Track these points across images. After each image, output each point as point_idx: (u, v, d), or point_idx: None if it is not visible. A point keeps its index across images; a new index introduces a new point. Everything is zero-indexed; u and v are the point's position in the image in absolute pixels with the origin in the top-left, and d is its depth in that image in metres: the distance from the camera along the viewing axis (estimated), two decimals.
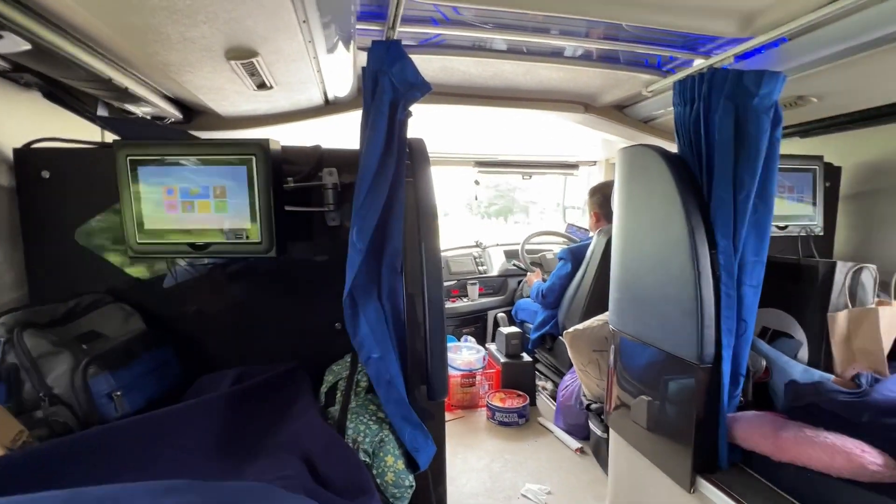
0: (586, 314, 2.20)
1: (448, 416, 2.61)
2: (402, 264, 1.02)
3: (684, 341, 1.15)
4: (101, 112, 1.41)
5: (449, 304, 3.35)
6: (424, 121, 2.30)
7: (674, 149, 1.26)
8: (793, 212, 1.63)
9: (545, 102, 2.02)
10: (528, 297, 3.09)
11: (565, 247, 2.72)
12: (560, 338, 2.44)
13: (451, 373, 2.71)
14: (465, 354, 2.80)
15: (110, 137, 1.11)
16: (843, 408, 1.05)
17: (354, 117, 1.82)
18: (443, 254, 3.44)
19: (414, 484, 0.94)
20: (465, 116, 2.32)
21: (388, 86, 0.95)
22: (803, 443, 1.03)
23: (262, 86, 1.39)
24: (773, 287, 1.18)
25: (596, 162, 3.66)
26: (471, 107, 1.98)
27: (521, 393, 2.63)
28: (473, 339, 3.09)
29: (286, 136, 1.62)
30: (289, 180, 1.15)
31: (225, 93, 1.47)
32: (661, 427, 1.28)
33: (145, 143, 1.06)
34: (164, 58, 1.13)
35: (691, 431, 1.14)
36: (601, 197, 2.44)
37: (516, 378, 2.72)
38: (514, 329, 2.82)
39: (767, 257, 1.13)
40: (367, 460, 0.91)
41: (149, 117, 1.56)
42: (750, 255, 1.13)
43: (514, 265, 3.47)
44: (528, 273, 3.17)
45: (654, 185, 1.25)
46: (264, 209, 1.08)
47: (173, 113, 1.59)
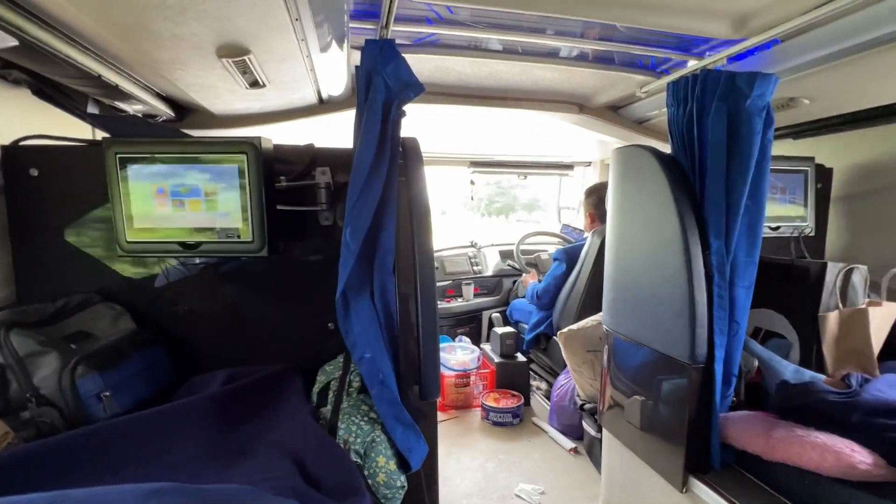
0: (581, 314, 2.20)
1: (442, 416, 2.61)
2: (395, 264, 1.02)
3: (677, 341, 1.15)
4: (92, 110, 1.39)
5: (444, 304, 3.35)
6: (419, 120, 2.30)
7: (668, 149, 1.27)
8: (785, 213, 1.64)
9: (540, 103, 2.02)
10: (522, 298, 3.10)
11: (560, 247, 2.72)
12: (554, 338, 2.44)
13: (446, 373, 2.70)
14: (459, 354, 2.80)
15: (101, 135, 1.10)
16: (834, 408, 1.05)
17: (348, 116, 1.80)
18: (438, 254, 3.44)
19: (406, 484, 0.93)
20: (459, 116, 2.31)
21: (382, 85, 0.94)
22: (794, 442, 1.03)
23: (254, 84, 1.38)
24: (765, 288, 1.18)
25: (591, 163, 3.67)
26: (465, 107, 1.98)
27: (515, 393, 2.63)
28: (468, 340, 3.09)
29: (280, 135, 1.61)
30: (281, 179, 1.14)
31: (217, 91, 1.45)
32: (654, 427, 1.28)
33: (135, 140, 1.05)
34: (154, 55, 1.12)
35: (684, 431, 1.14)
36: (597, 198, 2.45)
37: (511, 378, 2.72)
38: (509, 329, 2.82)
39: (759, 258, 1.14)
40: (359, 461, 0.90)
41: (140, 115, 1.55)
42: (742, 255, 1.13)
43: (509, 265, 3.47)
44: (522, 273, 3.17)
45: (648, 186, 1.25)
46: (256, 208, 1.07)
47: (165, 111, 1.58)
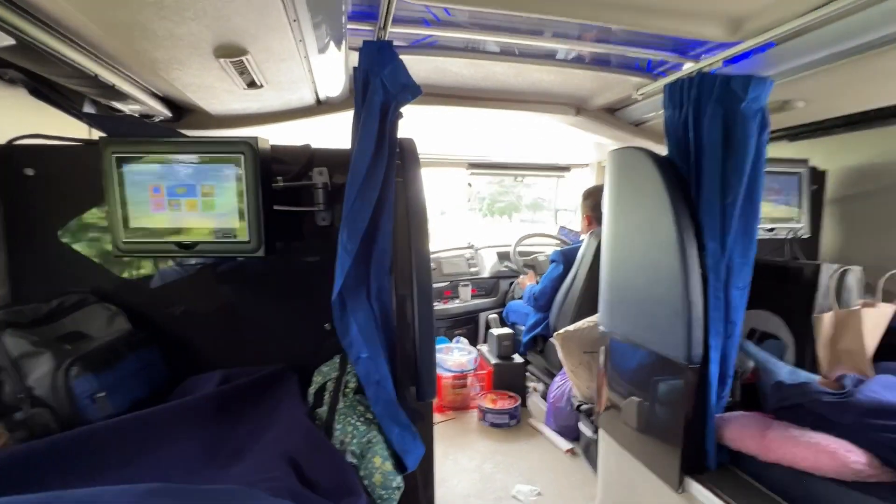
0: (577, 316, 2.21)
1: (439, 417, 2.61)
2: (392, 265, 1.02)
3: (673, 342, 1.16)
4: (89, 109, 1.39)
5: (441, 306, 3.35)
6: (416, 122, 2.30)
7: (664, 151, 1.27)
8: (780, 214, 1.65)
9: (537, 104, 2.02)
10: (519, 299, 3.10)
11: (557, 249, 2.73)
12: (551, 339, 2.45)
13: (443, 374, 2.70)
14: (456, 356, 2.80)
15: (97, 135, 1.10)
16: (829, 408, 1.06)
17: (346, 117, 1.81)
18: (435, 255, 3.44)
19: (402, 485, 0.93)
20: (457, 118, 2.31)
21: (380, 87, 0.94)
22: (789, 443, 1.04)
23: (252, 84, 1.38)
24: (760, 289, 1.19)
25: (588, 164, 3.68)
26: (463, 108, 1.98)
27: (512, 394, 2.63)
28: (465, 341, 3.09)
29: (277, 135, 1.60)
30: (278, 179, 1.14)
31: (215, 91, 1.45)
32: (651, 427, 1.29)
33: (132, 140, 1.05)
34: (151, 55, 1.12)
35: (680, 432, 1.15)
36: (594, 201, 2.45)
37: (507, 379, 2.72)
38: (506, 330, 2.82)
39: (755, 259, 1.15)
40: (355, 461, 0.90)
41: (137, 115, 1.55)
42: (737, 257, 1.14)
43: (506, 267, 3.48)
44: (519, 275, 3.17)
45: (644, 188, 1.26)
46: (253, 208, 1.07)
47: (162, 111, 1.58)
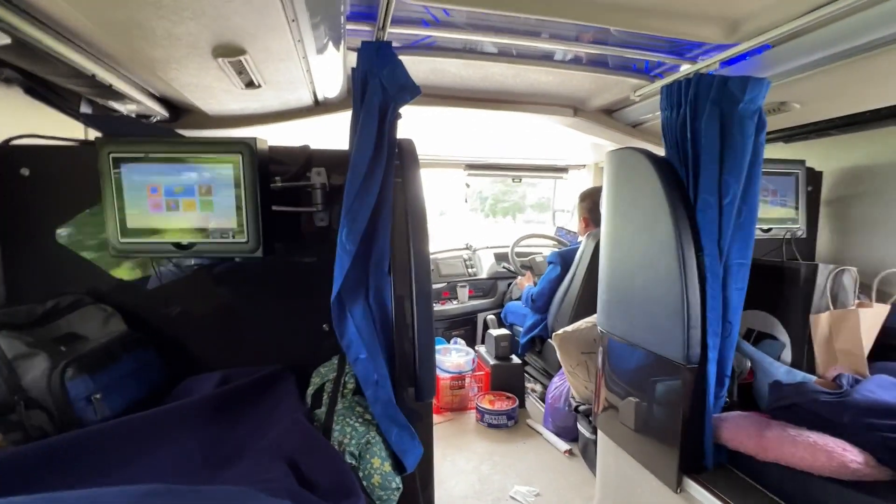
0: (575, 317, 2.21)
1: (437, 418, 2.60)
2: (391, 265, 1.01)
3: (671, 342, 1.16)
4: (85, 109, 1.38)
5: (438, 307, 3.35)
6: (414, 123, 2.30)
7: (661, 152, 1.28)
8: (776, 215, 1.66)
9: (535, 105, 2.03)
10: (517, 300, 3.10)
11: (555, 250, 2.73)
12: (549, 340, 2.45)
13: (441, 375, 2.70)
14: (454, 357, 2.79)
15: (94, 135, 1.09)
16: (825, 408, 1.06)
17: (345, 118, 1.81)
18: (433, 256, 3.44)
19: (401, 486, 0.93)
20: (455, 119, 2.32)
21: (378, 87, 0.94)
22: (787, 442, 1.04)
23: (250, 84, 1.37)
24: (757, 289, 1.19)
25: (585, 166, 3.69)
26: (460, 109, 1.98)
27: (510, 395, 2.63)
28: (463, 342, 3.09)
29: (276, 136, 1.60)
30: (276, 180, 1.14)
31: (212, 91, 1.45)
32: (649, 428, 1.29)
33: (129, 140, 1.04)
34: (149, 54, 1.11)
35: (678, 432, 1.15)
36: (591, 203, 2.46)
37: (505, 380, 2.72)
38: (504, 331, 2.82)
39: (751, 260, 1.15)
40: (354, 462, 0.90)
41: (134, 115, 1.54)
42: (735, 257, 1.14)
43: (504, 268, 3.48)
44: (517, 276, 3.18)
45: (642, 188, 1.26)
46: (251, 208, 1.06)
47: (160, 111, 1.57)
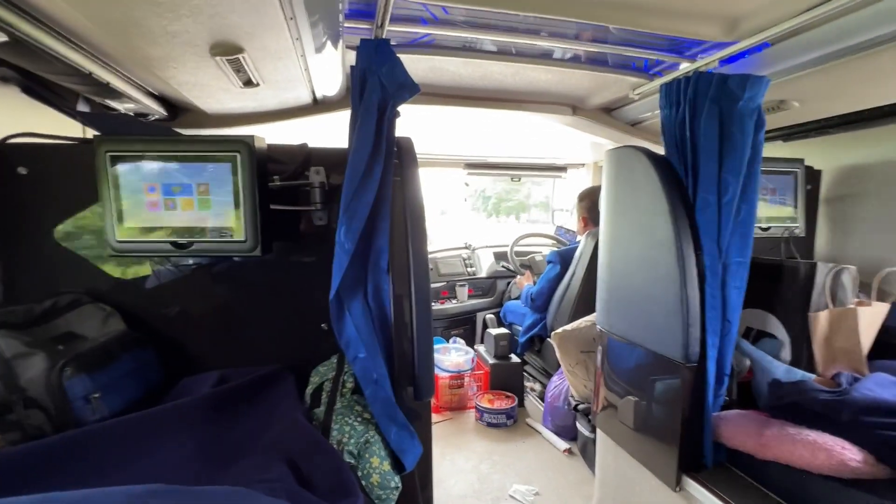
0: (574, 316, 2.21)
1: (436, 417, 2.60)
2: (389, 264, 1.01)
3: (670, 341, 1.16)
4: (83, 108, 1.37)
5: (438, 306, 3.35)
6: (413, 121, 2.30)
7: (661, 151, 1.28)
8: (775, 213, 1.66)
9: (534, 104, 2.03)
10: (516, 299, 3.10)
11: (554, 249, 2.73)
12: (548, 339, 2.45)
13: (440, 374, 2.70)
14: (453, 356, 2.79)
15: (92, 134, 1.09)
16: (824, 406, 1.06)
17: (344, 117, 1.80)
18: (431, 255, 3.44)
19: (400, 485, 0.93)
20: (454, 118, 2.31)
21: (377, 85, 0.94)
22: (786, 441, 1.04)
23: (248, 83, 1.37)
24: (756, 288, 1.19)
25: (584, 164, 3.69)
26: (459, 108, 1.98)
27: (509, 394, 2.63)
28: (462, 341, 3.09)
29: (274, 134, 1.60)
30: (275, 179, 1.13)
31: (210, 90, 1.44)
32: (648, 426, 1.29)
33: (126, 138, 1.03)
34: (146, 52, 1.11)
35: (677, 430, 1.15)
36: (589, 202, 2.46)
37: (505, 379, 2.72)
38: (503, 330, 2.82)
39: (751, 258, 1.15)
40: (353, 462, 0.90)
41: (132, 114, 1.53)
42: (734, 256, 1.14)
43: (503, 267, 3.48)
44: (517, 275, 3.17)
45: (641, 187, 1.26)
46: (249, 207, 1.06)
47: (157, 110, 1.57)
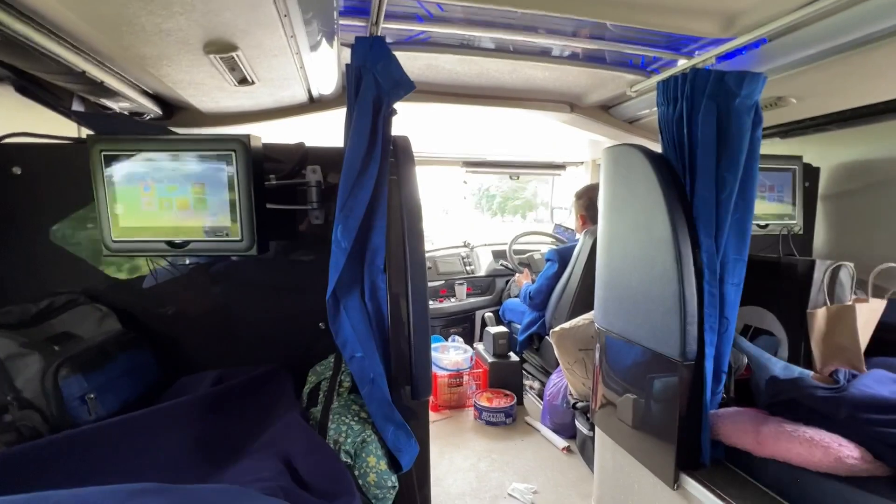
0: (573, 314, 2.21)
1: (435, 416, 2.60)
2: (386, 263, 1.01)
3: (668, 339, 1.16)
4: (77, 107, 1.37)
5: (436, 305, 3.34)
6: (410, 120, 2.29)
7: (658, 148, 1.27)
8: (773, 211, 1.66)
9: (531, 102, 2.02)
10: (515, 298, 3.10)
11: (553, 247, 2.73)
12: (547, 338, 2.45)
13: (439, 373, 2.69)
14: (452, 354, 2.79)
15: (86, 133, 1.08)
16: (822, 403, 1.06)
17: (339, 115, 1.80)
18: (430, 254, 3.43)
19: (397, 485, 0.93)
20: (451, 116, 2.31)
21: (372, 83, 0.93)
22: (783, 438, 1.04)
23: (243, 81, 1.36)
24: (754, 285, 1.19)
25: (583, 162, 3.68)
26: (457, 106, 1.97)
27: (508, 392, 2.63)
28: (461, 339, 3.09)
29: (270, 133, 1.59)
30: (271, 177, 1.13)
31: (205, 88, 1.43)
32: (646, 424, 1.29)
33: (121, 137, 1.03)
34: (140, 50, 1.10)
35: (675, 428, 1.15)
36: (587, 200, 2.46)
37: (503, 378, 2.72)
38: (502, 329, 2.82)
39: (748, 255, 1.15)
40: (349, 461, 0.90)
41: (127, 113, 1.53)
42: (732, 253, 1.14)
43: (502, 265, 3.47)
44: (515, 273, 3.17)
45: (639, 185, 1.26)
46: (245, 206, 1.05)
47: (152, 109, 1.56)
